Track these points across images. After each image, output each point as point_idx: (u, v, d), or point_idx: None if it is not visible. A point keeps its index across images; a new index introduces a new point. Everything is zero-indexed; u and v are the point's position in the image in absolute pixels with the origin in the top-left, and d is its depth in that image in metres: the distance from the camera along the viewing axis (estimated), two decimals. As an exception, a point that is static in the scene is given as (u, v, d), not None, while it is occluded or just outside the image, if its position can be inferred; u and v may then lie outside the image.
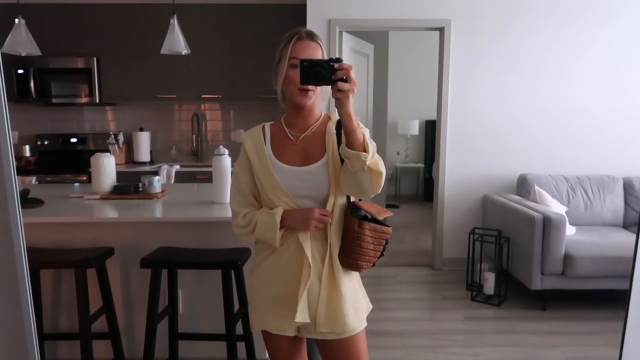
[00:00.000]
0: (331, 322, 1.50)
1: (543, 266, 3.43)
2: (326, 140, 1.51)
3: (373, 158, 1.34)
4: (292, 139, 1.54)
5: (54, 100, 4.58)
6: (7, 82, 4.37)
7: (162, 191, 2.96)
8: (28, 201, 2.54)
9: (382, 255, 1.55)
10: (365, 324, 1.59)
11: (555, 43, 4.25)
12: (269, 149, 1.54)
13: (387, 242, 1.54)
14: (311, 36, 1.50)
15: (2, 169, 0.87)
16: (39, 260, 2.26)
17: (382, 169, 1.38)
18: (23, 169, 4.51)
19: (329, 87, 1.32)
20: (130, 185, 2.90)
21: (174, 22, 3.26)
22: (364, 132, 1.34)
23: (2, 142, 0.86)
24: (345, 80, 1.27)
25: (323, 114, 1.58)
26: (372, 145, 1.34)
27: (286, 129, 1.55)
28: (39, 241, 2.51)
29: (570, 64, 4.28)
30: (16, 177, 0.90)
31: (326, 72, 1.29)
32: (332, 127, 1.52)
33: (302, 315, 1.48)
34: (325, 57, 1.48)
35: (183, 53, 3.34)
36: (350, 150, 1.32)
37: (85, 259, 2.23)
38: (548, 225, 3.39)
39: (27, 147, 4.77)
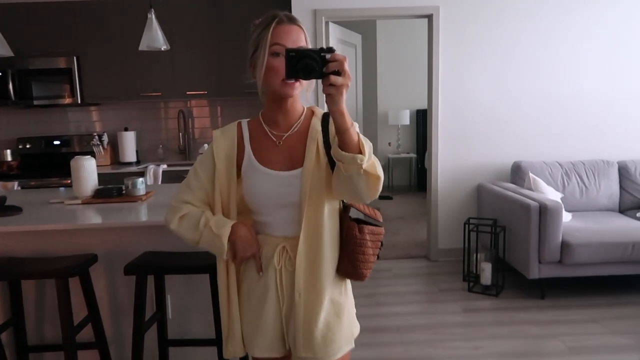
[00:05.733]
0: (310, 345, 1.36)
1: (540, 254, 3.37)
2: (309, 138, 1.34)
3: (370, 160, 1.16)
4: (275, 139, 1.36)
5: (35, 102, 4.45)
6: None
7: (147, 193, 2.86)
8: (5, 209, 2.43)
9: (377, 258, 1.46)
10: (352, 345, 1.44)
11: (545, 28, 4.17)
12: (249, 151, 1.37)
13: (382, 244, 1.44)
14: (292, 20, 1.30)
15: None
16: (18, 271, 2.16)
17: (380, 172, 1.20)
18: (5, 174, 4.39)
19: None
20: (113, 188, 2.79)
21: (152, 16, 3.15)
22: (356, 129, 1.18)
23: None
24: (339, 74, 1.08)
25: (305, 109, 1.41)
26: (367, 146, 1.17)
27: (266, 128, 1.38)
28: (19, 250, 2.41)
29: (560, 48, 4.21)
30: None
31: (317, 64, 1.10)
32: (316, 123, 1.36)
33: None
34: (308, 43, 1.31)
35: (162, 49, 3.24)
36: (343, 152, 1.14)
37: (67, 267, 2.13)
38: (544, 212, 3.32)
39: (9, 151, 4.64)
